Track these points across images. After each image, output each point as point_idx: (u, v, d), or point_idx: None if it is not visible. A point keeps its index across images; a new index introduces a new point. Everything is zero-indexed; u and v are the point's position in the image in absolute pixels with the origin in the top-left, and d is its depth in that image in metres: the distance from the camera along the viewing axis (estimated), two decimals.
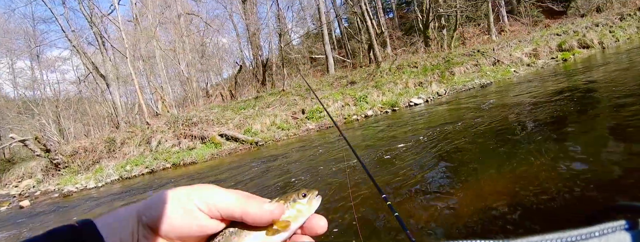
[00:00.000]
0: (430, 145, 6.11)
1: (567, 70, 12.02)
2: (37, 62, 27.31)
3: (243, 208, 0.43)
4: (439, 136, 6.57)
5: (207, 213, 0.43)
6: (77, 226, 0.42)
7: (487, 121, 6.83)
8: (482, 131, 6.22)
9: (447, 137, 6.33)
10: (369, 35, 19.46)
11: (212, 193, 0.44)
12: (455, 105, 10.52)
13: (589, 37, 16.69)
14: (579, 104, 6.46)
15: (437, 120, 8.58)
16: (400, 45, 22.95)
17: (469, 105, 9.60)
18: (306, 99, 14.38)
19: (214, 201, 0.43)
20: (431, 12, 19.58)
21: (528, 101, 7.93)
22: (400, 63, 16.89)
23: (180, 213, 0.43)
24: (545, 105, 6.99)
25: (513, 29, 23.41)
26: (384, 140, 7.65)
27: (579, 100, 6.80)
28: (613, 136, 4.48)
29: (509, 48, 16.78)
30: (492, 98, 9.82)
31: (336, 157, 7.03)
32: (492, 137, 5.63)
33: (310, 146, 9.23)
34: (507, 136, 5.48)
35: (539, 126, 5.68)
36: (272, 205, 0.44)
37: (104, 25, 23.18)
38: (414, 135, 7.33)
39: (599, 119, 5.35)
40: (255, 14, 23.04)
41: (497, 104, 8.66)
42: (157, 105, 20.28)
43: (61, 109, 25.19)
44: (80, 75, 27.25)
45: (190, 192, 0.44)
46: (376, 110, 12.86)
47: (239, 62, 25.89)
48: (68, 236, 0.40)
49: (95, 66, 22.55)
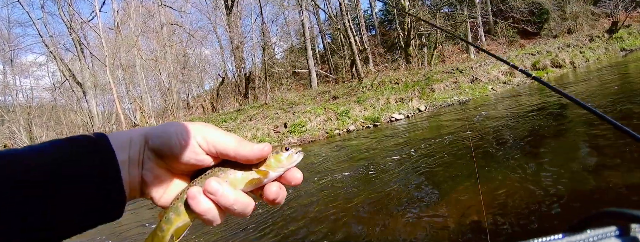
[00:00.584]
0: (415, 160, 6.18)
1: (541, 89, 12.50)
2: (10, 66, 26.36)
3: (236, 148, 0.48)
4: (424, 151, 6.66)
5: (205, 149, 0.48)
6: (93, 137, 0.46)
7: (469, 136, 6.99)
8: (463, 145, 6.34)
9: (431, 153, 6.41)
10: (351, 51, 19.78)
11: (212, 132, 0.49)
12: (435, 121, 10.72)
13: (561, 57, 17.49)
14: (553, 119, 6.73)
15: (419, 135, 8.71)
16: (382, 62, 23.41)
17: (449, 121, 9.81)
18: (288, 113, 14.36)
19: (213, 140, 0.48)
20: (412, 30, 20.14)
21: (505, 117, 8.18)
22: (382, 79, 17.17)
23: (182, 145, 0.48)
24: (522, 121, 7.23)
25: (490, 48, 24.27)
26: (370, 154, 7.69)
27: (553, 116, 7.08)
28: (586, 149, 4.66)
29: (487, 66, 17.34)
30: (472, 113, 10.07)
31: (320, 172, 6.99)
32: (472, 151, 5.75)
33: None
34: (488, 150, 5.61)
35: (517, 141, 5.86)
36: (262, 144, 0.50)
37: (83, 31, 22.74)
38: (401, 149, 7.40)
39: (572, 134, 5.56)
40: (240, 26, 23.11)
41: (478, 119, 8.89)
42: (136, 115, 19.80)
43: (33, 116, 24.19)
44: (56, 82, 26.46)
45: (193, 128, 0.49)
46: (358, 125, 12.95)
47: (221, 74, 25.74)
48: (85, 144, 0.44)
49: (72, 73, 21.97)
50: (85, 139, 0.45)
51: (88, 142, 0.45)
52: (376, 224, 3.82)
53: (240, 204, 0.48)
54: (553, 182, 3.80)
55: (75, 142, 0.44)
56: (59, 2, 20.85)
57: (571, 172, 3.97)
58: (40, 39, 21.92)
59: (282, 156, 0.51)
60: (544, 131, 6.13)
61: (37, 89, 28.27)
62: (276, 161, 0.51)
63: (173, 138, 0.48)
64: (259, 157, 0.49)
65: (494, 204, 3.56)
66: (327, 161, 8.16)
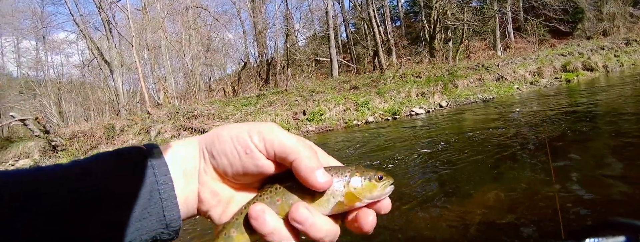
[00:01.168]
0: (434, 157, 6.19)
1: (570, 91, 12.14)
2: (42, 43, 27.33)
3: (297, 154, 0.41)
4: (444, 148, 6.64)
5: (264, 153, 0.42)
6: (144, 149, 0.42)
7: (491, 135, 6.92)
8: (483, 145, 6.30)
9: (451, 150, 6.40)
10: (375, 41, 19.58)
11: (271, 131, 0.42)
12: (457, 117, 10.61)
13: (593, 60, 16.85)
14: (579, 126, 6.55)
15: (440, 131, 8.67)
16: (405, 54, 23.11)
17: (472, 119, 9.70)
18: (308, 101, 14.44)
19: (272, 140, 0.41)
20: (438, 24, 19.74)
21: (530, 119, 8.03)
22: (404, 72, 16.99)
23: (239, 150, 0.42)
24: (547, 124, 7.08)
25: (519, 46, 23.61)
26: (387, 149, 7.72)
27: (580, 122, 6.90)
28: (611, 158, 4.56)
29: (514, 65, 16.91)
30: (495, 113, 9.92)
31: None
32: (493, 152, 5.71)
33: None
34: (507, 152, 5.56)
35: (540, 144, 5.76)
36: (324, 176, 0.41)
37: (112, 11, 23.16)
38: (423, 144, 7.40)
39: (597, 142, 5.43)
40: (264, 12, 23.17)
41: (501, 119, 8.76)
42: (159, 95, 20.27)
43: (63, 92, 25.18)
44: (85, 59, 27.26)
45: (250, 129, 0.42)
46: (377, 116, 12.93)
47: (243, 58, 25.97)
48: (134, 158, 0.40)
49: (100, 52, 22.53)
50: (135, 152, 0.41)
51: (137, 155, 0.41)
52: (421, 219, 3.89)
53: (333, 235, 0.42)
54: (574, 189, 3.77)
55: (123, 157, 0.40)
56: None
57: (592, 180, 3.91)
58: (71, 17, 22.46)
59: (377, 188, 0.44)
60: (570, 137, 6.01)
61: (67, 66, 29.33)
62: (367, 190, 0.44)
63: (228, 143, 0.42)
64: (313, 185, 0.41)
65: (569, 199, 3.49)
66: (365, 145, 8.22)
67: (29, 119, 13.06)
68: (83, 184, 0.36)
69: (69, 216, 0.34)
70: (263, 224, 0.40)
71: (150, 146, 0.43)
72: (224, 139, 0.42)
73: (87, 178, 0.37)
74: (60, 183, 0.36)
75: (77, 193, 0.35)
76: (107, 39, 22.73)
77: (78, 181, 0.37)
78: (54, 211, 0.34)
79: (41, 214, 0.33)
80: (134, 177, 0.39)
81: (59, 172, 0.37)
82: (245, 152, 0.41)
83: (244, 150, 0.41)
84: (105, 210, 0.36)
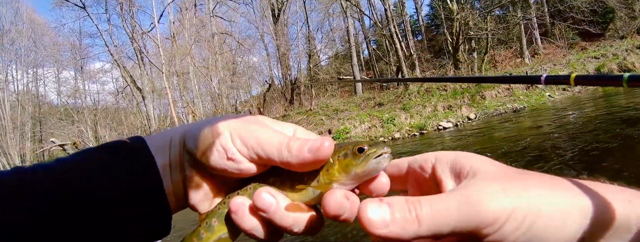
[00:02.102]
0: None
1: (607, 96, 11.53)
2: (80, 73, 29.14)
3: (279, 151, 0.37)
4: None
5: (246, 155, 0.39)
6: (129, 142, 0.41)
7: (525, 147, 6.63)
8: (522, 157, 6.04)
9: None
10: (397, 57, 19.53)
11: (255, 133, 0.39)
12: (487, 131, 10.27)
13: (630, 61, 16.00)
14: (620, 135, 6.17)
15: (470, 145, 8.41)
16: (429, 68, 22.86)
17: (503, 132, 9.36)
18: (333, 119, 14.46)
19: (254, 144, 0.38)
20: (461, 35, 19.49)
21: (566, 129, 7.65)
22: (429, 85, 16.76)
23: (219, 151, 0.39)
24: (585, 134, 6.71)
25: (547, 52, 22.84)
26: None
27: (621, 130, 6.49)
28: None
29: (543, 72, 16.33)
30: (525, 122, 9.53)
31: None
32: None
33: None
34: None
35: (579, 156, 5.45)
36: (317, 140, 0.37)
37: (143, 41, 24.48)
38: None
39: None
40: (286, 35, 23.71)
41: (533, 130, 8.40)
42: (188, 118, 20.93)
43: (99, 118, 26.52)
44: (119, 87, 28.75)
45: (233, 130, 0.39)
46: (404, 132, 12.74)
47: (268, 80, 26.52)
48: (121, 150, 0.40)
49: (133, 79, 23.70)
50: (119, 146, 0.41)
51: (122, 148, 0.40)
52: None
53: (304, 224, 0.38)
54: None
55: (108, 150, 0.40)
56: (122, 15, 22.72)
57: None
58: (106, 48, 23.95)
59: (354, 163, 0.36)
60: (610, 147, 5.66)
61: (102, 93, 30.98)
62: (341, 169, 0.37)
63: (205, 140, 0.39)
64: (313, 162, 0.36)
65: None
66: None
67: (68, 144, 13.78)
68: (75, 183, 0.36)
69: (64, 216, 0.34)
70: (242, 218, 0.38)
71: (135, 138, 0.42)
72: (203, 135, 0.39)
73: (78, 176, 0.36)
74: (55, 183, 0.36)
75: (72, 192, 0.35)
76: (139, 67, 23.93)
77: (71, 179, 0.36)
78: (52, 210, 0.34)
79: (38, 213, 0.33)
80: (121, 172, 0.38)
81: (50, 174, 0.37)
82: (227, 157, 0.38)
83: (226, 154, 0.38)
84: (97, 208, 0.36)
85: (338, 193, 0.36)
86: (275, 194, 0.37)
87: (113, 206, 0.37)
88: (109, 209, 0.36)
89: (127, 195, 0.37)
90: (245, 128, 0.39)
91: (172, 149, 0.41)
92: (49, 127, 26.28)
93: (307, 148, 0.36)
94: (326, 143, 0.36)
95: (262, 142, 0.38)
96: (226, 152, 0.38)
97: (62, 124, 26.95)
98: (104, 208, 0.36)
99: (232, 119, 0.41)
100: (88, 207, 0.35)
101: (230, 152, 0.38)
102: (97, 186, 0.37)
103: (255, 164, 0.39)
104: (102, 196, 0.36)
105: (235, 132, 0.39)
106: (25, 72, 26.54)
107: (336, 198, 0.35)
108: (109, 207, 0.36)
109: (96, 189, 0.36)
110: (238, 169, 0.39)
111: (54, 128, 26.09)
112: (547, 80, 0.92)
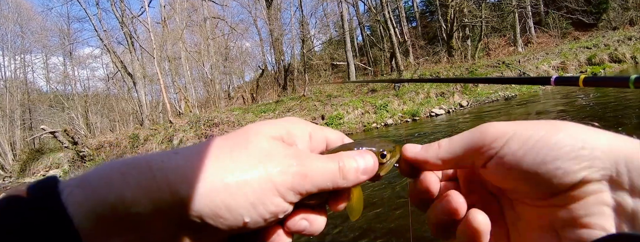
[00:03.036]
0: None
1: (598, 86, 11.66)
2: (69, 58, 28.58)
3: (336, 185, 0.33)
4: None
5: (286, 198, 0.31)
6: (25, 199, 0.25)
7: None
8: None
9: None
10: (391, 43, 19.44)
11: (310, 176, 0.31)
12: (479, 118, 10.37)
13: (621, 51, 16.18)
14: (612, 122, 6.27)
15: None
16: (422, 55, 22.83)
17: (494, 119, 9.45)
18: (326, 105, 14.46)
19: (310, 189, 0.32)
20: (456, 22, 19.43)
21: (558, 116, 7.75)
22: (423, 72, 16.78)
23: (249, 199, 0.29)
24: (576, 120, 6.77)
25: (540, 41, 22.93)
26: None
27: (612, 118, 6.60)
28: None
29: (536, 60, 16.44)
30: (517, 110, 9.64)
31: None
32: None
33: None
34: None
35: None
36: (364, 157, 0.36)
37: (133, 26, 24.00)
38: None
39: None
40: (279, 19, 23.40)
41: (523, 117, 8.50)
42: (181, 105, 20.76)
43: (89, 104, 26.23)
44: (109, 72, 28.33)
45: (276, 178, 0.30)
46: (396, 119, 12.80)
47: (261, 66, 26.33)
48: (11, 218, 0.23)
49: (123, 65, 23.32)
50: (14, 208, 0.24)
51: (16, 214, 0.23)
52: None
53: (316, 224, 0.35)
54: None
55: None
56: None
57: None
58: (96, 33, 23.39)
59: (380, 168, 0.38)
60: None
61: (92, 80, 30.56)
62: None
63: (231, 191, 0.28)
64: (366, 180, 0.36)
65: None
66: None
67: (59, 131, 13.61)
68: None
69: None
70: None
71: (41, 185, 0.26)
72: (242, 196, 0.28)
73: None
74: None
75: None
76: (130, 53, 23.51)
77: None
78: None
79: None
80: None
81: None
82: (271, 213, 0.30)
83: (275, 212, 0.30)
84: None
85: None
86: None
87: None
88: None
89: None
90: (295, 173, 0.31)
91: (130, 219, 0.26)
92: (39, 115, 25.94)
93: (361, 172, 0.35)
94: (372, 160, 0.36)
95: (317, 183, 0.32)
96: (276, 210, 0.30)
97: (53, 111, 26.63)
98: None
99: (253, 153, 0.31)
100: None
101: (282, 209, 0.31)
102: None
103: (289, 203, 0.32)
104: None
105: (281, 180, 0.30)
106: (12, 58, 25.93)
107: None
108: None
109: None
110: (270, 212, 0.30)
111: (44, 115, 25.76)
112: (557, 81, 0.92)
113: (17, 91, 24.48)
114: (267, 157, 0.30)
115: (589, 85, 0.71)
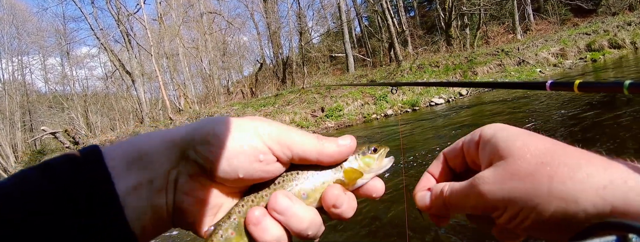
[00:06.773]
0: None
1: (596, 71, 11.61)
2: (67, 58, 28.49)
3: (320, 150, 0.37)
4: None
5: (278, 154, 0.36)
6: (79, 157, 0.32)
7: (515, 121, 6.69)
8: None
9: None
10: (389, 33, 19.32)
11: (284, 132, 0.36)
12: (477, 106, 10.34)
13: (620, 37, 16.04)
14: (612, 111, 6.21)
15: (461, 121, 8.48)
16: (421, 44, 22.71)
17: (493, 106, 9.43)
18: (325, 98, 14.43)
19: (288, 142, 0.36)
20: (454, 11, 19.28)
21: (556, 105, 7.72)
22: (422, 62, 16.70)
23: (247, 153, 0.34)
24: (576, 111, 6.74)
25: (539, 28, 22.76)
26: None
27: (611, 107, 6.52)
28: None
29: (535, 48, 16.32)
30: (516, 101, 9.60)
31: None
32: None
33: None
34: None
35: (569, 132, 5.53)
36: (346, 138, 0.39)
37: (130, 23, 23.87)
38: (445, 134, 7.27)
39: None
40: (276, 12, 23.27)
41: (522, 107, 8.48)
42: (180, 101, 20.75)
43: (89, 104, 26.21)
44: (108, 71, 28.26)
45: (257, 127, 0.36)
46: (396, 109, 12.78)
47: (259, 60, 26.24)
48: (63, 172, 0.31)
49: (121, 63, 23.26)
50: (62, 164, 0.31)
51: (65, 168, 0.31)
52: None
53: (316, 227, 0.37)
54: None
55: (48, 172, 0.30)
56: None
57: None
58: (92, 32, 23.27)
59: (370, 159, 0.40)
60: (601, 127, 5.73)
61: (91, 79, 30.50)
62: (365, 164, 0.40)
63: (229, 143, 0.34)
64: (347, 155, 0.39)
65: None
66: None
67: (59, 131, 13.63)
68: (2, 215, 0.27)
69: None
70: (265, 231, 0.34)
71: (88, 150, 0.33)
72: (225, 138, 0.34)
73: (6, 208, 0.28)
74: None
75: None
76: (127, 50, 23.42)
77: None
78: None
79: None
80: (61, 201, 0.29)
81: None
82: (258, 160, 0.35)
83: (257, 156, 0.35)
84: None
85: (336, 187, 0.38)
86: (290, 196, 0.36)
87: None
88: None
89: (67, 225, 0.28)
90: (268, 124, 0.37)
91: (153, 163, 0.34)
92: (39, 116, 25.98)
93: (341, 140, 0.38)
94: (352, 140, 0.39)
95: (296, 138, 0.36)
96: (259, 154, 0.35)
97: (52, 111, 26.65)
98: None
99: (245, 117, 0.38)
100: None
101: (264, 153, 0.35)
102: (27, 227, 0.27)
103: (282, 163, 0.37)
104: (32, 229, 0.27)
105: (265, 130, 0.36)
106: (9, 60, 25.86)
107: (333, 191, 0.37)
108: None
109: (24, 224, 0.27)
110: (265, 172, 0.36)
111: (44, 116, 25.80)
112: (552, 86, 0.93)
113: (16, 93, 24.47)
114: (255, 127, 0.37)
115: (584, 91, 0.75)
